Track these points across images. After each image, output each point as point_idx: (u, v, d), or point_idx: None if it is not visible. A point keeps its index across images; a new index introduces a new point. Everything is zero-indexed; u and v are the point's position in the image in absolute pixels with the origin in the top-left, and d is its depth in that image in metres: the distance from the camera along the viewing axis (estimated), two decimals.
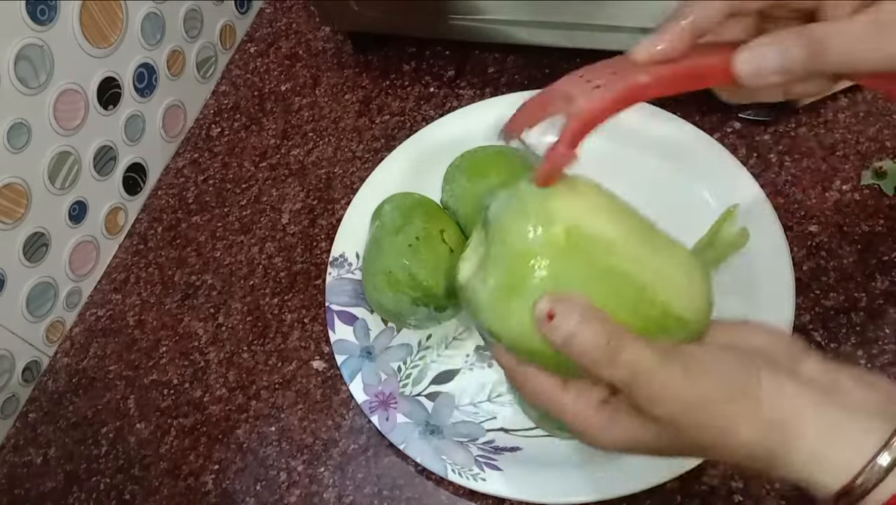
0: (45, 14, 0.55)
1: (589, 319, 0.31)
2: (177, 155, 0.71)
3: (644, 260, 0.33)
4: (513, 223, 0.34)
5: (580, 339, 0.31)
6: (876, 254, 0.52)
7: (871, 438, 0.30)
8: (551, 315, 0.31)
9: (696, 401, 0.30)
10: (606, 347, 0.30)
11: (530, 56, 0.68)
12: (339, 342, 0.54)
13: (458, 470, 0.48)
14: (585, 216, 0.33)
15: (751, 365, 0.32)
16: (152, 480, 0.55)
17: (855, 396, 0.31)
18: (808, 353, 0.34)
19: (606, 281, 0.33)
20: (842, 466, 0.30)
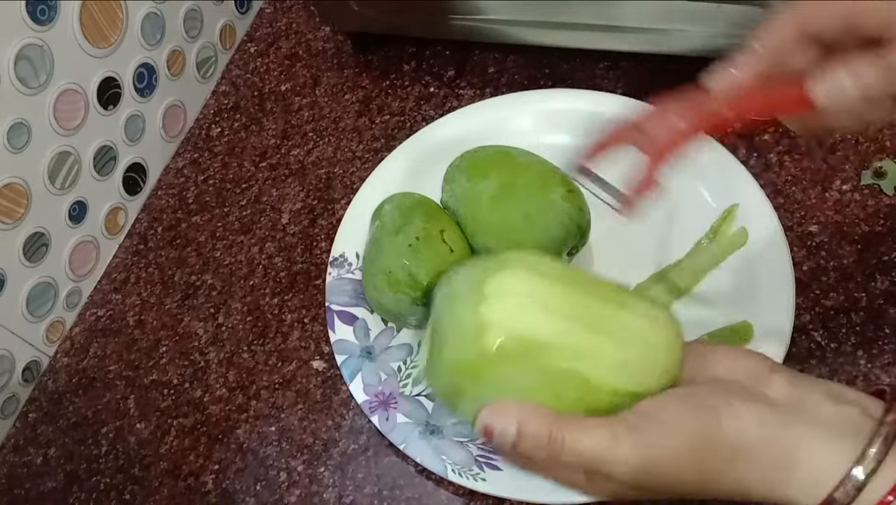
0: (45, 14, 0.55)
1: (525, 422, 0.31)
2: (177, 155, 0.71)
3: (586, 350, 0.33)
4: (448, 332, 0.35)
5: (524, 443, 0.32)
6: (876, 254, 0.52)
7: (844, 452, 0.30)
8: (489, 432, 0.32)
9: (660, 464, 0.31)
10: (550, 442, 0.31)
11: (530, 56, 0.68)
12: (339, 342, 0.54)
13: (458, 470, 0.48)
14: (518, 318, 0.33)
15: (706, 412, 0.32)
16: (152, 480, 0.55)
17: (825, 411, 0.31)
18: (774, 372, 0.34)
19: (544, 383, 0.33)
20: (816, 483, 0.30)
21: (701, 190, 0.56)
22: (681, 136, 0.34)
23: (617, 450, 0.31)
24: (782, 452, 0.31)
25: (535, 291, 0.34)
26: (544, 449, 0.31)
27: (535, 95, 0.63)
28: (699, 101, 0.34)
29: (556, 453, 0.31)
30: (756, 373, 0.34)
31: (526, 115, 0.61)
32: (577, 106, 0.61)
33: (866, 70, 0.32)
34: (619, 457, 0.31)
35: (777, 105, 0.34)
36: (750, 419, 0.31)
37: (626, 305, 0.35)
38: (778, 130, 0.59)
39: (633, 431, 0.31)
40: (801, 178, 0.57)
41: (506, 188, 0.51)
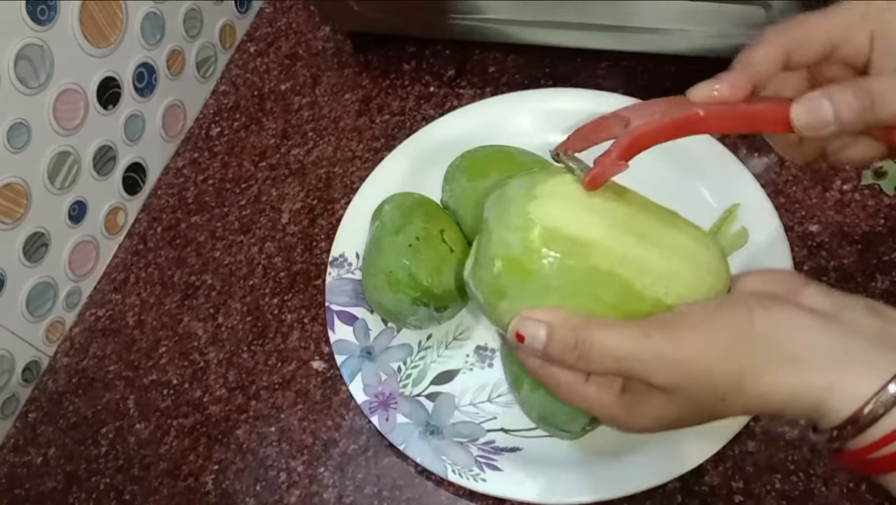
0: (45, 14, 0.55)
1: (554, 328, 0.32)
2: (177, 155, 0.71)
3: (632, 256, 0.34)
4: (495, 227, 0.35)
5: (551, 350, 0.32)
6: (876, 254, 0.52)
7: (880, 364, 0.29)
8: (521, 338, 0.32)
9: (692, 358, 0.31)
10: (575, 349, 0.31)
11: (530, 56, 0.68)
12: (339, 342, 0.54)
13: (458, 470, 0.48)
14: (566, 217, 0.34)
15: (738, 307, 0.32)
16: (152, 480, 0.55)
17: (864, 323, 0.31)
18: (809, 285, 0.34)
19: (586, 283, 0.33)
20: (847, 392, 0.29)
21: (701, 190, 0.56)
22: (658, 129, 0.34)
23: (648, 344, 0.30)
24: (819, 356, 0.30)
25: (587, 196, 0.35)
26: (573, 352, 0.31)
27: (536, 95, 0.63)
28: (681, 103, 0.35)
29: (587, 354, 0.31)
30: (789, 284, 0.34)
31: (526, 115, 0.61)
32: (578, 106, 0.61)
33: (846, 95, 0.32)
34: (650, 351, 0.30)
35: (756, 120, 0.35)
36: (784, 319, 0.31)
37: (677, 225, 0.36)
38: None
39: (663, 327, 0.31)
40: (801, 178, 0.57)
41: None
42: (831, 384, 0.30)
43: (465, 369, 0.53)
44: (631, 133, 0.34)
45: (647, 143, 0.34)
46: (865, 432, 0.29)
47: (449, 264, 0.50)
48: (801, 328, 0.31)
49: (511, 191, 0.36)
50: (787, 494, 0.46)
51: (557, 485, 0.46)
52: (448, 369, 0.53)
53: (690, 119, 0.34)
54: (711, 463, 0.47)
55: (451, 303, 0.51)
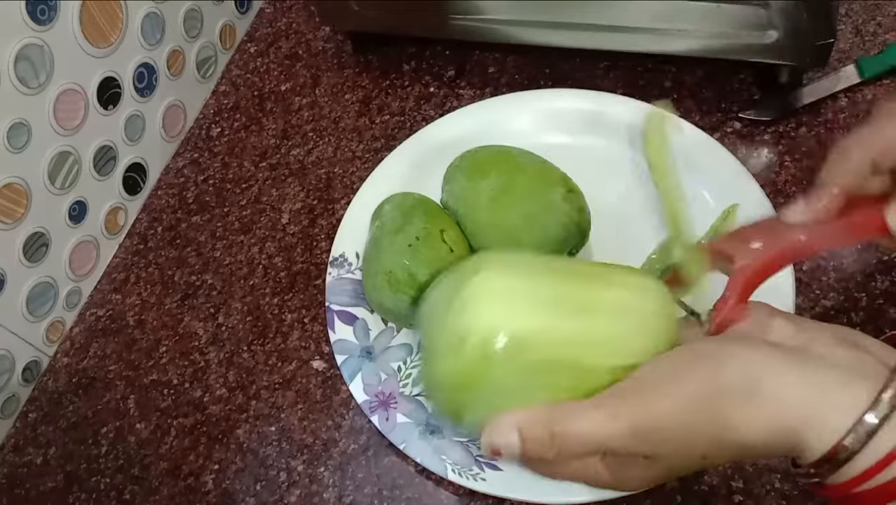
0: (45, 14, 0.55)
1: (525, 430, 0.31)
2: (177, 155, 0.71)
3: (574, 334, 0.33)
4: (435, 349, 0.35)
5: (530, 452, 0.31)
6: (876, 254, 0.52)
7: (855, 396, 0.28)
8: (497, 452, 0.32)
9: (665, 425, 0.30)
10: (552, 445, 0.31)
11: (530, 56, 0.68)
12: (339, 342, 0.54)
13: (458, 470, 0.48)
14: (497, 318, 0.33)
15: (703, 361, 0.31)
16: (152, 480, 0.55)
17: (835, 354, 0.30)
18: (774, 316, 0.33)
19: (538, 377, 0.33)
20: (827, 427, 0.28)
21: (701, 190, 0.55)
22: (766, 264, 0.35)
23: (618, 424, 0.30)
24: (791, 394, 0.29)
25: (513, 287, 0.34)
26: (552, 448, 0.31)
27: (535, 95, 0.63)
28: (780, 232, 0.36)
29: (564, 447, 0.31)
30: (755, 322, 0.33)
31: (526, 115, 0.61)
32: (577, 106, 0.61)
33: None
34: (623, 429, 0.30)
35: (855, 232, 0.36)
36: (752, 360, 0.30)
37: (611, 282, 0.35)
38: (777, 130, 0.59)
39: (627, 401, 0.31)
40: (801, 178, 0.57)
41: (506, 188, 0.51)
42: (806, 421, 0.29)
43: None
44: (743, 274, 0.35)
45: (759, 282, 0.35)
46: (845, 467, 0.28)
47: (449, 264, 0.50)
48: (771, 369, 0.30)
49: (438, 301, 0.36)
50: (786, 494, 0.46)
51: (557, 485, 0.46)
52: None
53: (795, 246, 0.35)
54: None
55: None
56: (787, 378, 0.30)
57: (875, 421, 0.28)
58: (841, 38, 0.62)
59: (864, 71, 0.58)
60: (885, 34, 0.62)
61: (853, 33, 0.63)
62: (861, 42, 0.62)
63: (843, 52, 0.61)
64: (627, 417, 0.30)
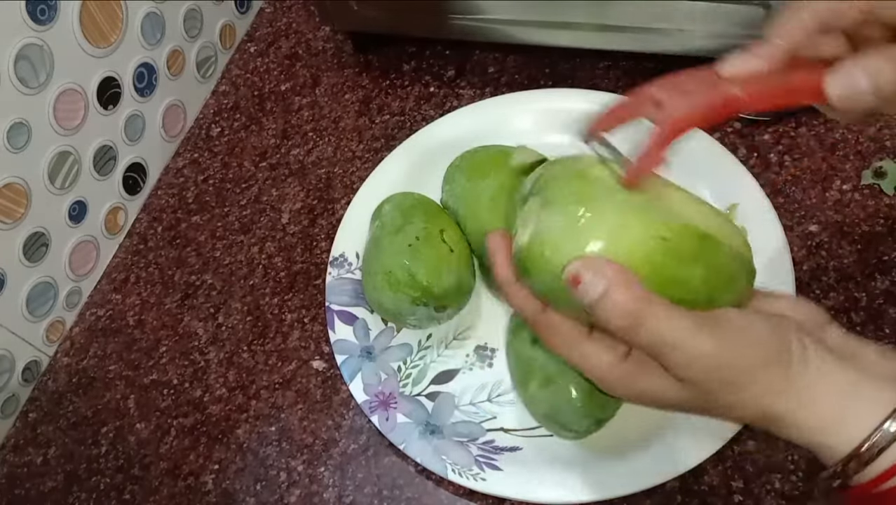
0: (45, 14, 0.55)
1: (615, 286, 0.30)
2: (177, 155, 0.71)
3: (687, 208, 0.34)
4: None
5: (604, 306, 0.30)
6: (876, 254, 0.52)
7: (884, 403, 0.30)
8: (577, 281, 0.31)
9: (726, 364, 0.31)
10: (630, 317, 0.30)
11: (530, 56, 0.68)
12: (339, 342, 0.54)
13: (458, 470, 0.48)
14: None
15: (783, 330, 0.32)
16: (152, 480, 0.55)
17: (874, 364, 0.32)
18: (831, 322, 0.35)
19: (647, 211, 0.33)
20: (852, 429, 0.30)
21: (701, 190, 0.55)
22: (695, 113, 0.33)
23: (697, 338, 0.30)
24: (832, 393, 0.31)
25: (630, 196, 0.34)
26: (624, 319, 0.30)
27: (535, 95, 0.63)
28: (715, 82, 0.34)
29: (635, 328, 0.30)
30: (816, 320, 0.35)
31: (526, 115, 0.61)
32: (578, 106, 0.60)
33: (883, 66, 0.31)
34: (694, 348, 0.30)
35: (792, 93, 0.34)
36: (812, 355, 0.32)
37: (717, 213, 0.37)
38: (777, 130, 0.59)
39: (714, 329, 0.31)
40: (801, 178, 0.57)
41: (506, 188, 0.51)
42: (839, 420, 0.31)
43: (465, 369, 0.53)
44: (666, 123, 0.33)
45: (683, 131, 0.33)
46: (869, 466, 0.30)
47: (449, 264, 0.50)
48: (824, 367, 0.32)
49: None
50: (786, 494, 0.46)
51: (557, 485, 0.46)
52: (448, 369, 0.53)
53: (728, 100, 0.33)
54: (711, 463, 0.47)
55: (450, 303, 0.51)
56: (834, 379, 0.31)
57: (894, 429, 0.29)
58: None
59: None
60: None
61: None
62: None
63: None
64: (703, 339, 0.30)
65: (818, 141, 0.58)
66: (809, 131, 0.59)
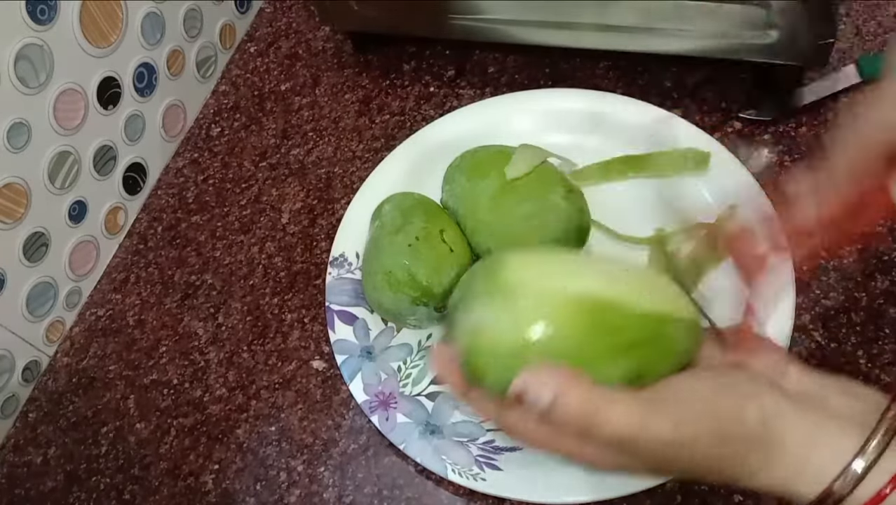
0: (45, 14, 0.55)
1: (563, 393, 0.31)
2: (177, 155, 0.71)
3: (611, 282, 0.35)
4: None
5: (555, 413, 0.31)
6: (876, 254, 0.52)
7: (847, 444, 0.30)
8: (520, 395, 0.32)
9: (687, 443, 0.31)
10: (582, 419, 0.31)
11: (530, 56, 0.68)
12: (339, 342, 0.54)
13: (458, 470, 0.48)
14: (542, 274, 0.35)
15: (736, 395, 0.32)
16: (152, 480, 0.55)
17: (835, 404, 0.32)
18: (790, 364, 0.35)
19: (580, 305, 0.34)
20: (818, 472, 0.30)
21: (701, 190, 0.55)
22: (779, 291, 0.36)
23: (647, 429, 0.31)
24: (796, 443, 0.31)
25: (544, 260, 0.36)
26: (578, 421, 0.31)
27: (535, 95, 0.63)
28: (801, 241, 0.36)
29: (589, 431, 0.31)
30: (774, 364, 0.35)
31: (526, 115, 0.61)
32: (577, 106, 0.61)
33: None
34: (647, 435, 0.31)
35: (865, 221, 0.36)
36: (771, 410, 0.32)
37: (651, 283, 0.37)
38: (777, 130, 0.59)
39: (661, 411, 0.31)
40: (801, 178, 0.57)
41: (506, 188, 0.51)
42: (802, 466, 0.31)
43: None
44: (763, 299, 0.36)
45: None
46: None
47: (449, 264, 0.50)
48: (785, 418, 0.32)
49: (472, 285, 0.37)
50: None
51: (557, 485, 0.46)
52: None
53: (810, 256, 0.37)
54: None
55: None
56: (796, 428, 0.32)
57: (860, 469, 0.30)
58: (841, 38, 0.62)
59: (864, 71, 0.58)
60: (885, 34, 0.62)
61: (853, 33, 0.63)
62: (861, 42, 0.62)
63: (843, 52, 0.61)
64: (658, 426, 0.31)
65: (818, 141, 0.58)
66: (809, 131, 0.59)
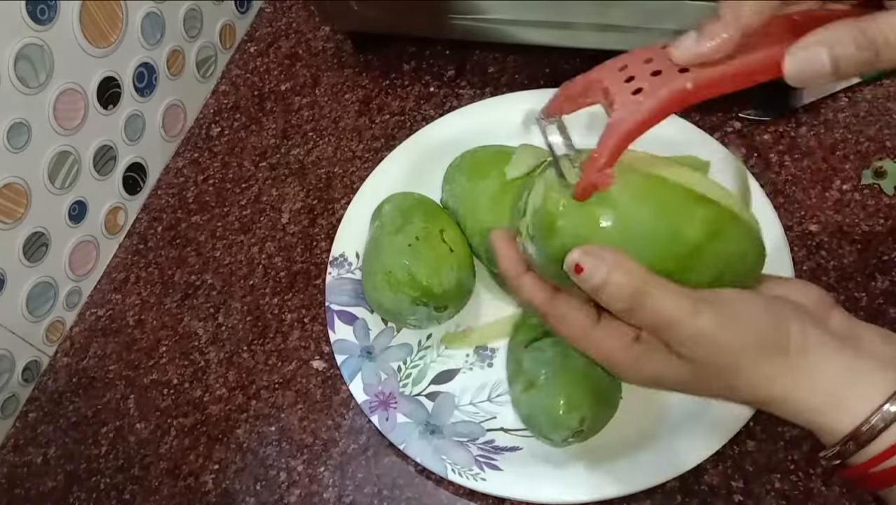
0: (45, 14, 0.55)
1: (616, 270, 0.31)
2: (177, 154, 0.71)
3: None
4: None
5: (606, 291, 0.31)
6: (876, 254, 0.52)
7: (883, 385, 0.30)
8: (579, 269, 0.32)
9: (726, 346, 0.31)
10: (631, 299, 0.31)
11: (530, 56, 0.68)
12: (339, 342, 0.54)
13: (458, 470, 0.48)
14: None
15: (782, 314, 0.32)
16: (152, 480, 0.55)
17: (874, 347, 0.33)
18: (835, 307, 0.35)
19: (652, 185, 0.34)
20: (850, 411, 0.30)
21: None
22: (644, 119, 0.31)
23: (695, 318, 0.31)
24: (832, 376, 0.31)
25: None
26: (625, 301, 0.31)
27: (535, 95, 0.63)
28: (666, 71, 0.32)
29: (637, 309, 0.31)
30: (822, 304, 0.35)
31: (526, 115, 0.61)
32: None
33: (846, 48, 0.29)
34: (695, 327, 0.31)
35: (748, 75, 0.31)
36: (813, 339, 0.32)
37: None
38: (777, 130, 0.59)
39: (713, 309, 0.31)
40: (801, 178, 0.57)
41: (506, 188, 0.51)
42: (837, 401, 0.31)
43: (464, 369, 0.53)
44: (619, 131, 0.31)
45: (634, 138, 0.32)
46: (866, 448, 0.30)
47: (449, 264, 0.50)
48: (824, 350, 0.32)
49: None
50: (786, 494, 0.46)
51: (557, 484, 0.46)
52: (448, 369, 0.53)
53: (679, 95, 0.31)
54: (711, 462, 0.47)
55: (450, 302, 0.51)
56: (833, 362, 0.32)
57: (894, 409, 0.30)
58: None
59: None
60: None
61: None
62: None
63: None
64: (704, 319, 0.31)
65: (818, 141, 0.58)
66: (809, 131, 0.59)
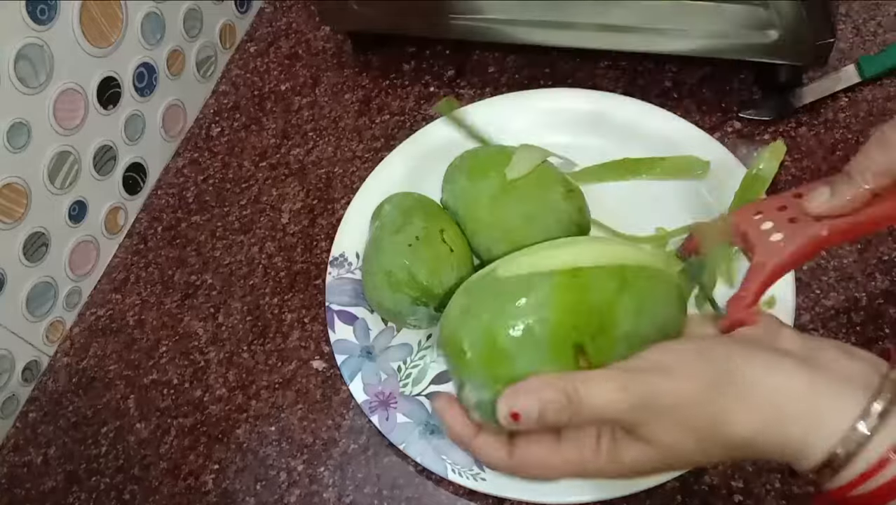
0: (45, 14, 0.55)
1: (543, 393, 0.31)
2: (177, 155, 0.71)
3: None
4: None
5: (550, 414, 0.31)
6: (876, 254, 0.52)
7: (851, 406, 0.29)
8: (516, 416, 0.32)
9: (672, 413, 0.31)
10: (569, 406, 0.31)
11: (530, 56, 0.68)
12: (339, 342, 0.54)
13: (458, 470, 0.48)
14: None
15: (716, 352, 0.32)
16: (152, 480, 0.55)
17: (837, 363, 0.31)
18: (783, 327, 0.34)
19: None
20: (822, 434, 0.29)
21: (700, 189, 0.56)
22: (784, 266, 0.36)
23: (625, 396, 0.31)
24: (792, 399, 0.30)
25: None
26: (567, 410, 0.31)
27: (536, 95, 0.63)
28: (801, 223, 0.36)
29: (579, 412, 0.31)
30: (766, 327, 0.34)
31: (526, 115, 0.61)
32: (578, 106, 0.61)
33: None
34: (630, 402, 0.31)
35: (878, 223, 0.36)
36: (759, 364, 0.31)
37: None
38: (777, 130, 0.59)
39: (636, 377, 0.31)
40: (801, 178, 0.57)
41: (506, 188, 0.51)
42: (805, 427, 0.30)
43: None
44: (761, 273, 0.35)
45: (776, 280, 0.36)
46: (842, 472, 0.29)
47: (449, 264, 0.50)
48: (779, 373, 0.31)
49: None
50: (787, 494, 0.46)
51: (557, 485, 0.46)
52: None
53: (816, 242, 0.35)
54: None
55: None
56: (795, 383, 0.30)
57: (866, 431, 0.29)
58: (841, 38, 0.62)
59: (864, 71, 0.58)
60: (885, 34, 0.62)
61: (853, 33, 0.63)
62: (861, 42, 0.62)
63: (843, 52, 0.61)
64: (635, 390, 0.31)
65: (818, 141, 0.58)
66: (809, 131, 0.59)
